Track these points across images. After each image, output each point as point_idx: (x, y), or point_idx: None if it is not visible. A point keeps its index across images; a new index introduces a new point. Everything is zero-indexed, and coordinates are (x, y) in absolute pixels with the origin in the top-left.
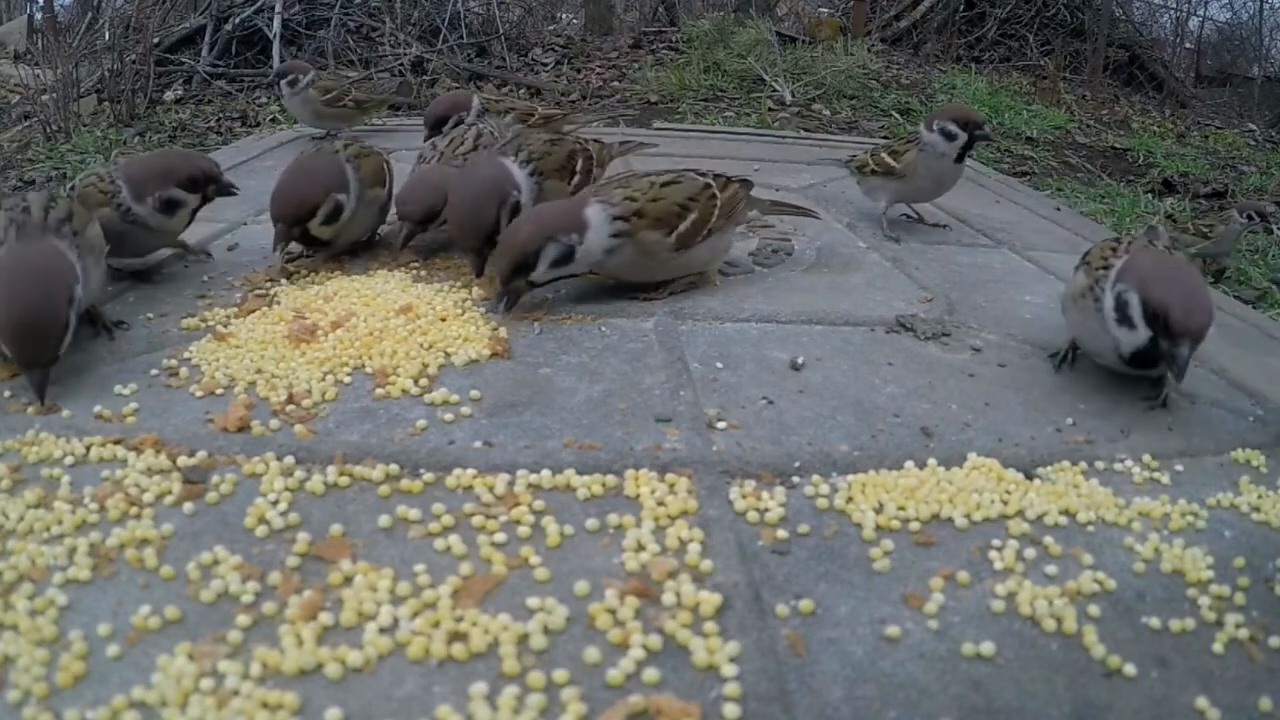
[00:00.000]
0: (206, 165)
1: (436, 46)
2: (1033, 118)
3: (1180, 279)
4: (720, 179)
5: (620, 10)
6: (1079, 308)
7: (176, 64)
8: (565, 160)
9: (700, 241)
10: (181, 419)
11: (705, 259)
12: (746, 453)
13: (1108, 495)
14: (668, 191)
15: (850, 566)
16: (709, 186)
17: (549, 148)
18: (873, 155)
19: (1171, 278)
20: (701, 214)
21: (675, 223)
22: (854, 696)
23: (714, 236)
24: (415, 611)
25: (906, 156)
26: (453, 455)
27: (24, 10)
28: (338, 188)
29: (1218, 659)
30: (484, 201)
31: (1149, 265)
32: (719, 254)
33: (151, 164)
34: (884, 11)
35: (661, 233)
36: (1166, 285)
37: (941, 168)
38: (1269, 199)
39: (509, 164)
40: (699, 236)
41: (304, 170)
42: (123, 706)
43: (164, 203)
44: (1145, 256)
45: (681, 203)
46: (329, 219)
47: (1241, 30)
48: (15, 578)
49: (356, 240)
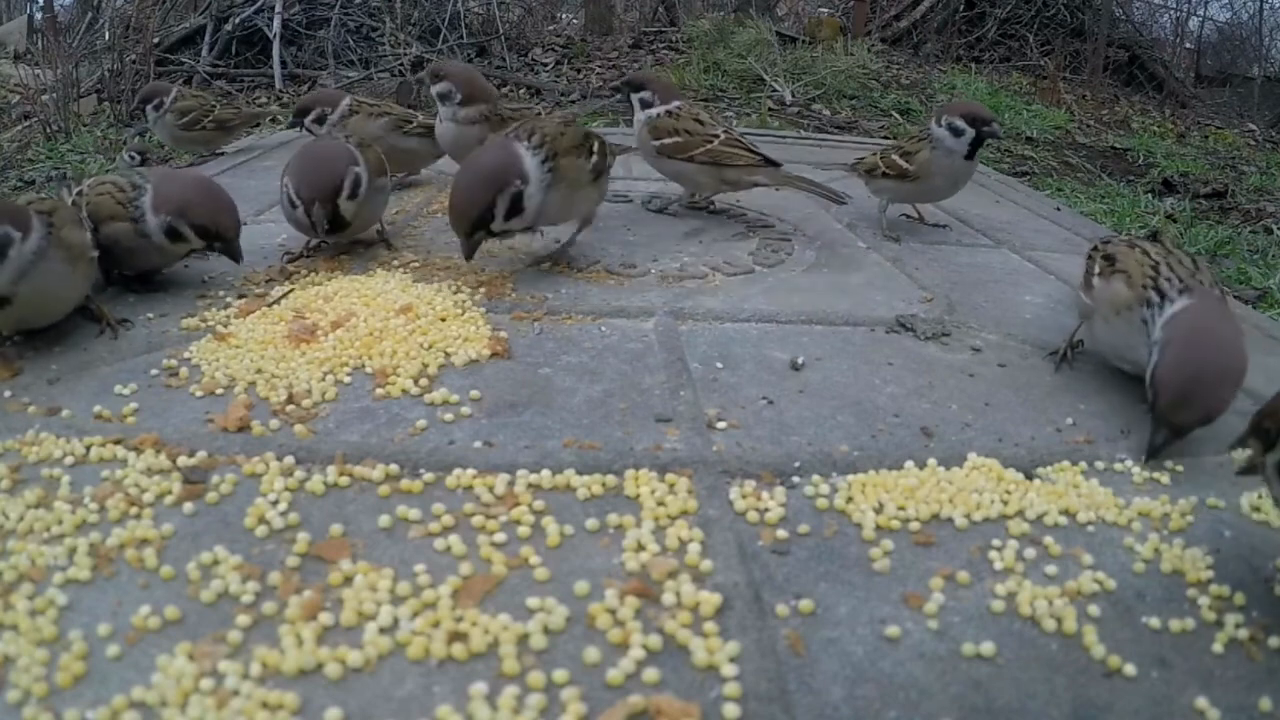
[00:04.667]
0: (225, 221)
1: (436, 46)
2: (1033, 118)
3: (1212, 358)
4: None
5: (620, 10)
6: (1120, 320)
7: (176, 64)
8: (582, 140)
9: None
10: (181, 419)
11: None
12: (746, 453)
13: (1108, 495)
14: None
15: (850, 566)
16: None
17: (562, 128)
18: (882, 157)
19: (1201, 357)
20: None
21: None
22: (854, 696)
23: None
24: (415, 611)
25: (919, 157)
26: (453, 455)
27: (24, 10)
28: (353, 162)
29: (1218, 659)
30: (481, 189)
31: (1193, 330)
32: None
33: (177, 187)
34: (884, 11)
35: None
36: (1185, 364)
37: (954, 166)
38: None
39: (520, 148)
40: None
41: (318, 154)
42: (123, 706)
43: (169, 229)
44: (1203, 314)
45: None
46: (353, 193)
47: (1241, 30)
48: (15, 578)
49: (367, 226)
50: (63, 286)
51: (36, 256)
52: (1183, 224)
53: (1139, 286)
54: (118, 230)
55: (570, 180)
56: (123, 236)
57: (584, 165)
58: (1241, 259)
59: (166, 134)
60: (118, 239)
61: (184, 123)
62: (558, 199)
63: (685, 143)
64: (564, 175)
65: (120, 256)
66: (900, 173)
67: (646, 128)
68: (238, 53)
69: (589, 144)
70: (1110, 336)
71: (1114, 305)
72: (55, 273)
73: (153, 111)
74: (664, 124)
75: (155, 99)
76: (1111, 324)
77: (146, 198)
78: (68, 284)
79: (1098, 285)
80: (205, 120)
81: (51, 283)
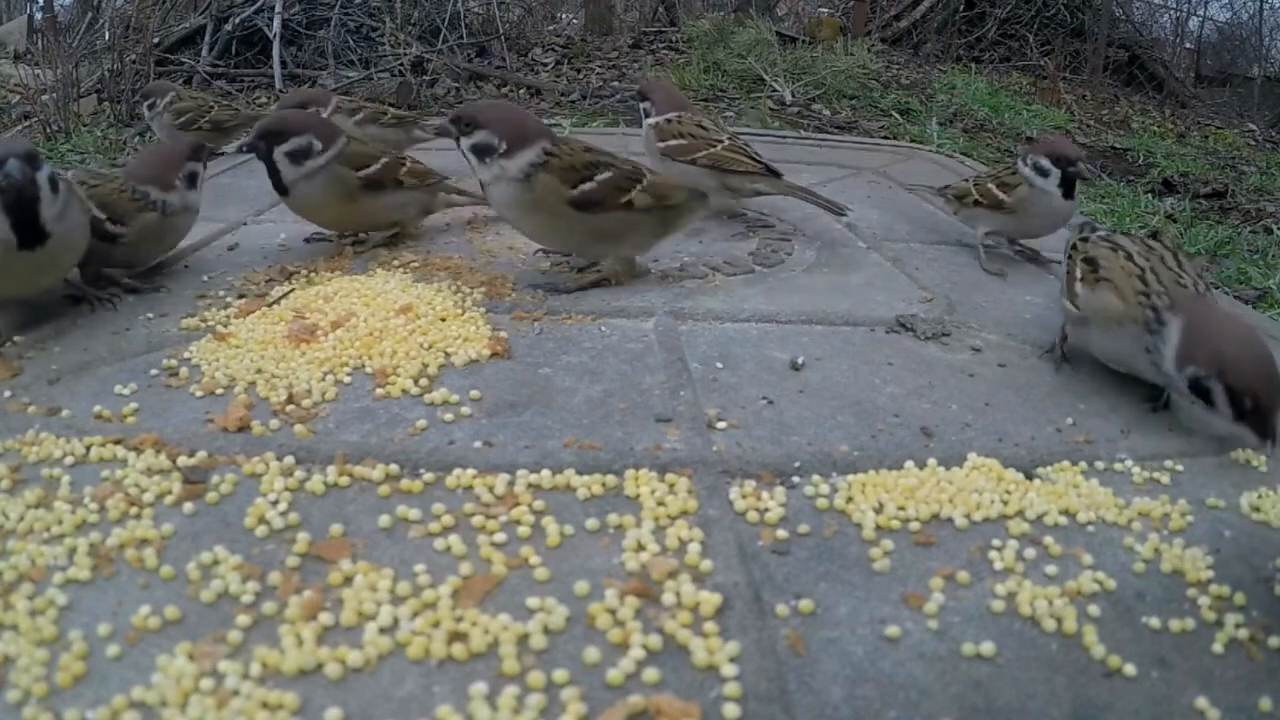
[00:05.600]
0: (192, 140)
1: (436, 47)
2: (1033, 118)
3: (1257, 354)
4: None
5: (620, 10)
6: (1122, 333)
7: (176, 64)
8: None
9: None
10: (181, 419)
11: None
12: (746, 453)
13: (1108, 495)
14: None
15: (850, 566)
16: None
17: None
18: (975, 184)
19: (1249, 355)
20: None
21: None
22: (854, 696)
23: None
24: (415, 611)
25: (1018, 191)
26: (453, 455)
27: (24, 10)
28: (317, 133)
29: (1218, 659)
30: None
31: (1223, 342)
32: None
33: (151, 157)
34: (884, 11)
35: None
36: (1251, 368)
37: (1052, 204)
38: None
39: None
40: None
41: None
42: (123, 706)
43: (189, 178)
44: (1209, 322)
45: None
46: (296, 156)
47: (1241, 30)
48: (15, 578)
49: (369, 228)
50: (79, 239)
51: (67, 202)
52: (1183, 224)
53: (1133, 303)
54: (146, 222)
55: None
56: (151, 226)
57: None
58: (1241, 259)
59: (165, 134)
60: (148, 230)
61: (180, 123)
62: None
63: (689, 145)
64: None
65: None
66: (995, 203)
67: (653, 131)
68: (238, 53)
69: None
70: (1110, 346)
71: (1109, 317)
72: (78, 222)
73: (148, 111)
74: (669, 128)
75: (151, 97)
76: (1111, 334)
77: (151, 192)
78: (83, 238)
79: (1083, 293)
80: (201, 121)
81: (75, 231)
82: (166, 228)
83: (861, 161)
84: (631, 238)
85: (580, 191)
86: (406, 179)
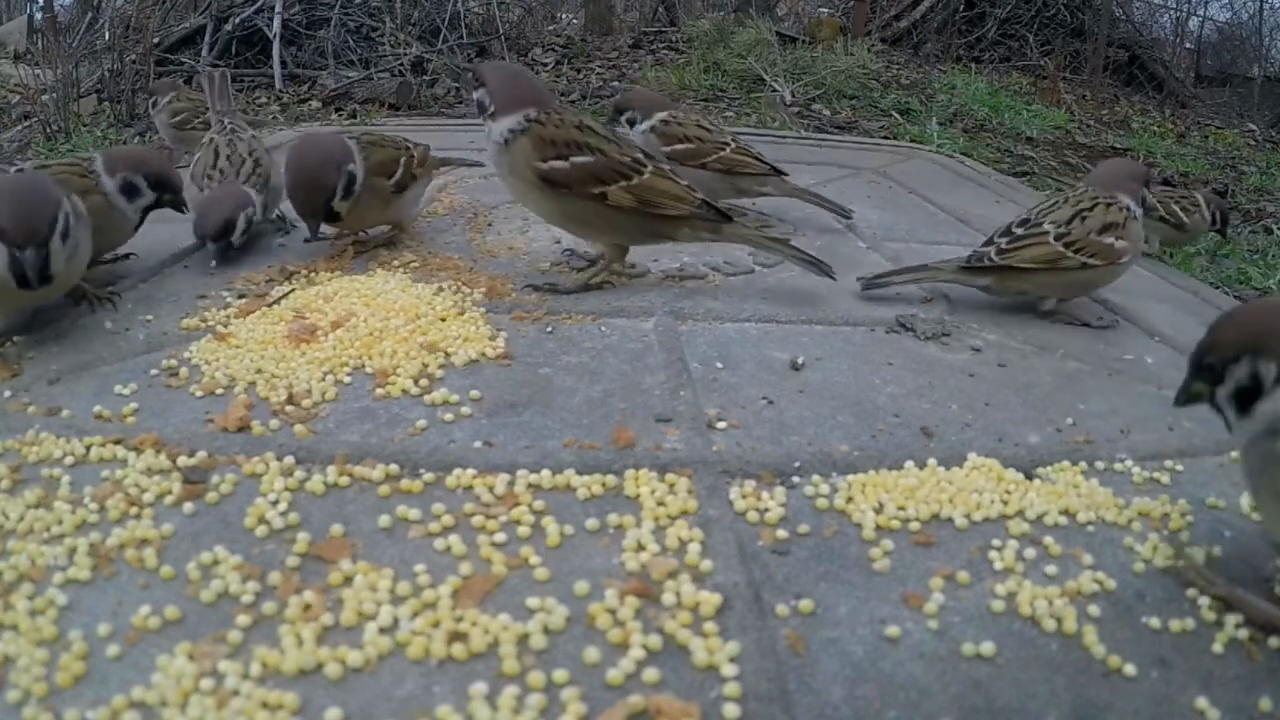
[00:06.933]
0: (173, 173)
1: (436, 46)
2: (1033, 118)
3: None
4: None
5: (620, 10)
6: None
7: (176, 64)
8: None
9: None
10: (181, 419)
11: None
12: (746, 453)
13: (1108, 495)
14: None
15: (850, 566)
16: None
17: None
18: (1161, 201)
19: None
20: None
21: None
22: (854, 696)
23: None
24: (415, 611)
25: (1194, 217)
26: (453, 455)
27: (24, 10)
28: (346, 159)
29: (1218, 659)
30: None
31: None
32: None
33: (122, 151)
34: (884, 11)
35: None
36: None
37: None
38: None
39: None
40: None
41: (310, 152)
42: (123, 706)
43: (126, 184)
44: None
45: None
46: (346, 193)
47: (1241, 30)
48: (15, 578)
49: (371, 225)
50: (83, 261)
51: (76, 236)
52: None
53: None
54: (93, 204)
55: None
56: (95, 209)
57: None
58: (1241, 259)
59: (165, 133)
60: (93, 213)
61: (176, 122)
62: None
63: (698, 149)
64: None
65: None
66: (1178, 223)
67: (654, 136)
68: (238, 53)
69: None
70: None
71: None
72: (83, 248)
73: (152, 109)
74: (671, 130)
75: (154, 95)
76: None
77: (98, 164)
78: (86, 256)
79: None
80: (195, 121)
81: (80, 257)
82: (108, 217)
83: (861, 161)
84: (609, 232)
85: (550, 166)
86: (418, 171)
